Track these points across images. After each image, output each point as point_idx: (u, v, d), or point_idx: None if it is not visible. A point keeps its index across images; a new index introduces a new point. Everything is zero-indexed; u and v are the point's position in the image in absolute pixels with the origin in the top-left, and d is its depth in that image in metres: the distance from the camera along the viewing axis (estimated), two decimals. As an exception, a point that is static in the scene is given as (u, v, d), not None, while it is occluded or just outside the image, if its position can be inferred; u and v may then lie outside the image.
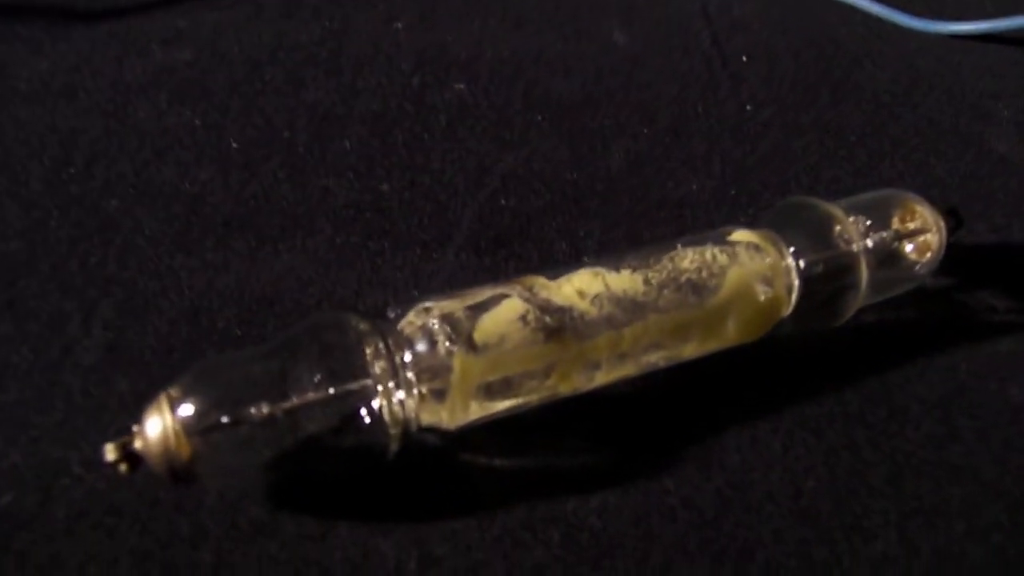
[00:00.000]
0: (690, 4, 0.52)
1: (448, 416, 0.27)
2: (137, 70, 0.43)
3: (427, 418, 0.27)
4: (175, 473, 0.24)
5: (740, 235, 0.31)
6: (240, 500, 0.26)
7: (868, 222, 0.33)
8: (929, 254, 0.34)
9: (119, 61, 0.44)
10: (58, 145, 0.39)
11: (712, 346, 0.30)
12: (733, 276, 0.29)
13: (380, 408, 0.26)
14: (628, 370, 0.29)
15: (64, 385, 0.29)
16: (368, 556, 0.26)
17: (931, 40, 0.50)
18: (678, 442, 0.29)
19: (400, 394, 0.26)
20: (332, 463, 0.26)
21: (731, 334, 0.30)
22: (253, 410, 0.24)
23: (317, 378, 0.25)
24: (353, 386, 0.26)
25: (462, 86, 0.44)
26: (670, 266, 0.29)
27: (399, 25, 0.48)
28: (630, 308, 0.28)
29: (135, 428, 0.24)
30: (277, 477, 0.26)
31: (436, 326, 0.26)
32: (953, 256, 0.34)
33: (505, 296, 0.27)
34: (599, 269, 0.29)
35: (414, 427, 0.27)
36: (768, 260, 0.30)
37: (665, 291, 0.28)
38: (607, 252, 0.30)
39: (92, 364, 0.30)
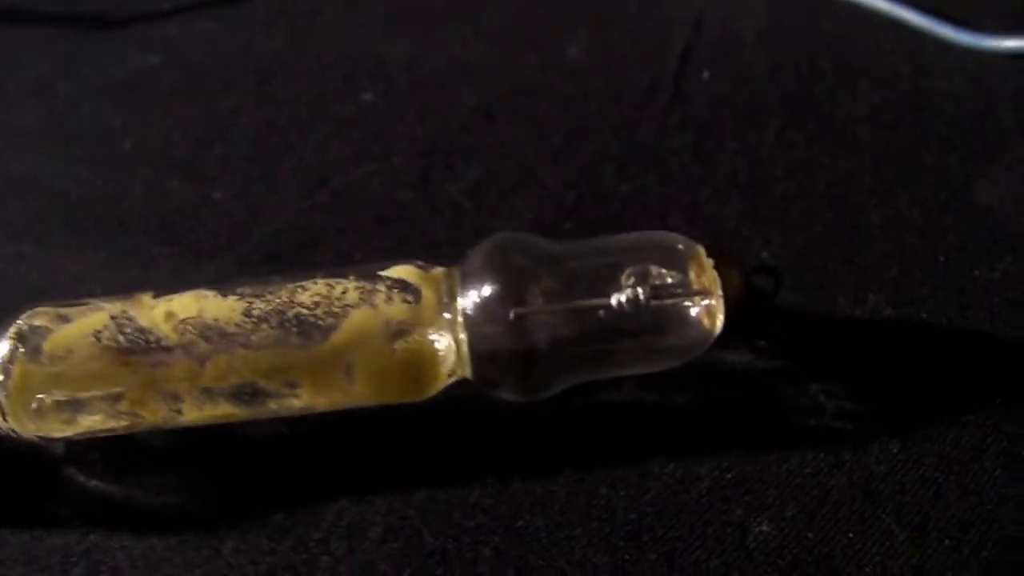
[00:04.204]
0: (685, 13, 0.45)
1: (17, 425, 0.26)
2: (108, 73, 0.46)
3: (4, 425, 0.26)
4: None
5: (396, 271, 0.26)
6: None
7: (631, 272, 0.26)
8: (713, 322, 0.26)
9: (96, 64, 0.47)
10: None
11: (338, 398, 0.26)
12: (355, 319, 0.25)
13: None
14: (229, 409, 0.25)
15: None
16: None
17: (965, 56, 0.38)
18: (286, 500, 0.26)
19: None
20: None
21: (360, 388, 0.25)
22: None
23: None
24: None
25: (368, 96, 0.42)
26: (285, 298, 0.25)
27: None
28: (216, 339, 0.25)
29: None
30: None
31: (18, 331, 0.25)
32: (813, 330, 0.28)
33: (100, 309, 0.26)
34: (209, 292, 0.26)
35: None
36: (412, 305, 0.25)
37: (264, 325, 0.25)
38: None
39: None
